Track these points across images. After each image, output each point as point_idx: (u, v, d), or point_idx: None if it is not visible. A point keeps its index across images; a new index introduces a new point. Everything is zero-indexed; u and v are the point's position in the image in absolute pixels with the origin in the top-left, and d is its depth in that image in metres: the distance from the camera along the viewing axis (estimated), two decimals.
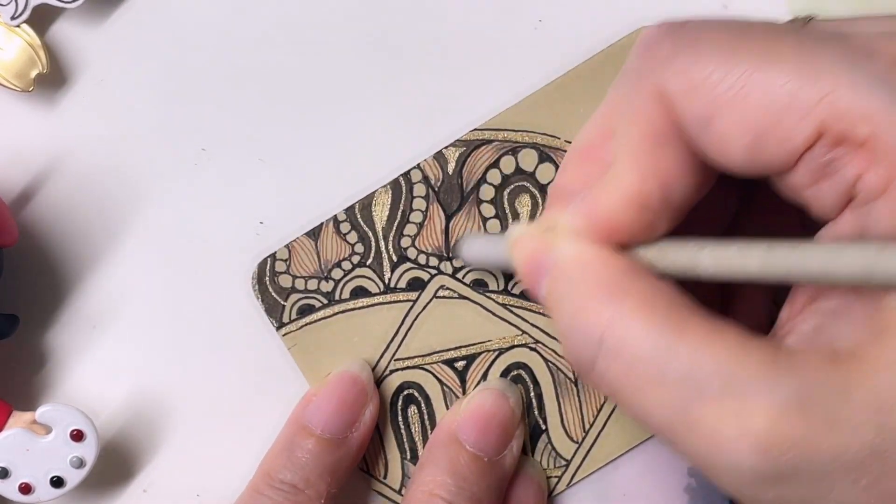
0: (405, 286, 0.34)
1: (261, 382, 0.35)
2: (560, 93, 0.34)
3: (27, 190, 0.35)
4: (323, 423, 0.32)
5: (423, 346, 0.34)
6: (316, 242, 0.34)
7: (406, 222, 0.34)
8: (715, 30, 0.24)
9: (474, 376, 0.34)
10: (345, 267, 0.34)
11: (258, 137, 0.35)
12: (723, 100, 0.23)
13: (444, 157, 0.34)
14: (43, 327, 0.35)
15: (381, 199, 0.34)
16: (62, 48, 0.35)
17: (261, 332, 0.34)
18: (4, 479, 0.32)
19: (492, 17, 0.34)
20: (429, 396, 0.34)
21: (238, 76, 0.35)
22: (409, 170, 0.34)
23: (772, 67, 0.22)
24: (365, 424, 0.33)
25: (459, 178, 0.34)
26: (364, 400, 0.33)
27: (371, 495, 0.34)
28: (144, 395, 0.35)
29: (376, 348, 0.34)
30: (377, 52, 0.35)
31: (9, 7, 0.33)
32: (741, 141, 0.23)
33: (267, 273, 0.34)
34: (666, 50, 0.24)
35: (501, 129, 0.34)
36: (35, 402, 0.35)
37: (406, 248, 0.34)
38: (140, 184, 0.35)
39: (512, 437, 0.33)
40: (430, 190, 0.34)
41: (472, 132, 0.34)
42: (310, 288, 0.34)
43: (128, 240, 0.35)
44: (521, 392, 0.34)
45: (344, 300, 0.34)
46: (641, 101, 0.24)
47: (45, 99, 0.35)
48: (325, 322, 0.34)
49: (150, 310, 0.35)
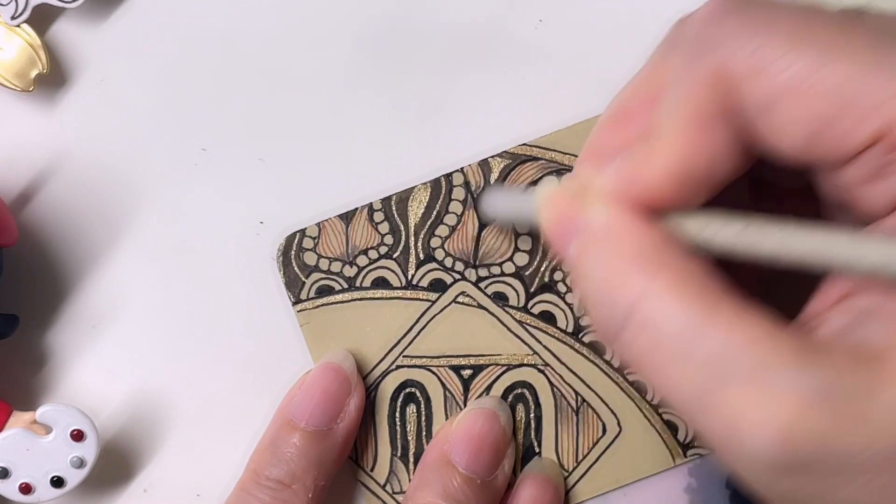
0: (427, 286, 0.34)
1: (261, 382, 0.35)
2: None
3: (27, 190, 0.35)
4: (307, 415, 0.32)
5: (433, 347, 0.34)
6: (347, 226, 0.34)
7: (439, 223, 0.34)
8: (786, 13, 0.23)
9: (478, 387, 0.34)
10: (371, 256, 0.34)
11: (258, 137, 0.35)
12: (789, 86, 0.22)
13: (489, 165, 0.34)
14: (43, 327, 0.35)
15: (419, 196, 0.34)
16: (62, 48, 0.35)
17: (261, 331, 0.34)
18: (5, 479, 0.32)
19: (492, 17, 0.34)
20: (430, 398, 0.34)
21: (238, 76, 0.35)
22: (452, 172, 0.34)
23: (842, 59, 0.22)
24: (350, 415, 0.33)
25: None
26: (348, 390, 0.33)
27: (356, 486, 0.34)
28: (144, 395, 0.35)
29: (387, 341, 0.34)
30: (376, 51, 0.35)
31: (9, 7, 0.33)
32: (801, 131, 0.22)
33: (294, 247, 0.34)
34: (732, 27, 0.23)
35: (550, 148, 0.34)
36: (35, 402, 0.35)
37: (435, 248, 0.34)
38: (140, 184, 0.35)
39: (504, 456, 0.33)
40: (469, 195, 0.34)
41: (521, 146, 0.34)
42: (333, 270, 0.34)
43: (128, 240, 0.35)
44: (514, 412, 0.34)
45: (364, 288, 0.34)
46: (699, 74, 0.23)
47: (46, 99, 0.35)
48: (342, 306, 0.34)
49: (150, 310, 0.35)
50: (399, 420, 0.34)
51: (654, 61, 0.26)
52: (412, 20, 0.34)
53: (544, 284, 0.34)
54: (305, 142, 0.35)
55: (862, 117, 0.22)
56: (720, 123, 0.24)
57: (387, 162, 0.34)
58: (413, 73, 0.35)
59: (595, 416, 0.34)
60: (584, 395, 0.34)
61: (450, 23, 0.34)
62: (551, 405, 0.34)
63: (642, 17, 0.34)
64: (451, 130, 0.34)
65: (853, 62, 0.22)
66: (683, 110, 0.24)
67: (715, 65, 0.23)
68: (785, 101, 0.22)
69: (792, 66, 0.22)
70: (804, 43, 0.22)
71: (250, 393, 0.35)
